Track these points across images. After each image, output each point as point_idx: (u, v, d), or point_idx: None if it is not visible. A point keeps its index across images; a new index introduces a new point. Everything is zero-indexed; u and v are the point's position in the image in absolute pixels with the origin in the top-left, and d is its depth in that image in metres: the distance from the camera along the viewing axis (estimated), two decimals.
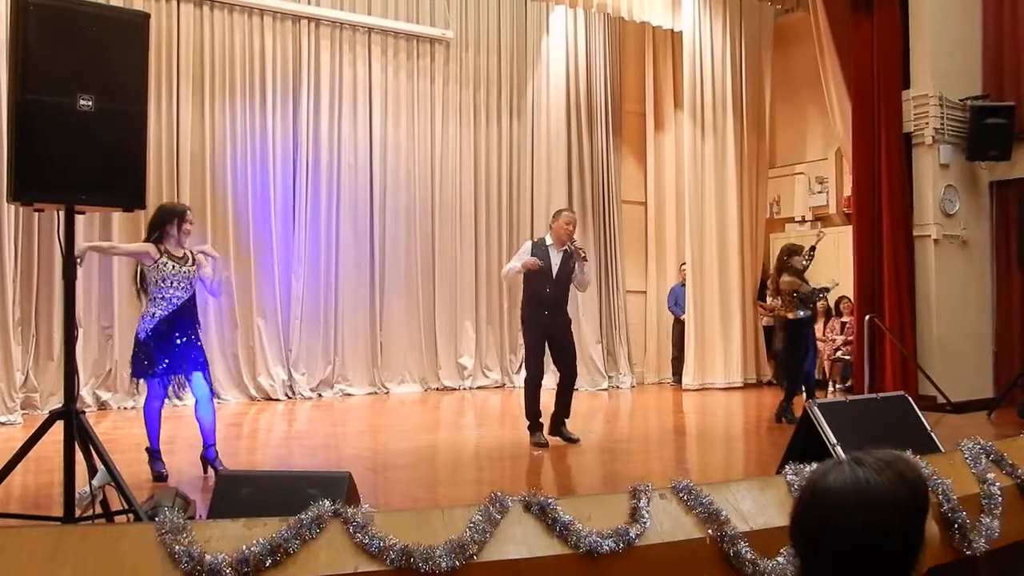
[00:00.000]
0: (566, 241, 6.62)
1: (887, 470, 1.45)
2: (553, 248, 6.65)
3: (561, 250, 6.63)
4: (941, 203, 8.66)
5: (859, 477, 1.44)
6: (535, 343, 6.68)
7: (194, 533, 2.79)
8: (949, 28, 8.80)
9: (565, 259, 6.62)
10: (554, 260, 6.61)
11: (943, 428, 6.16)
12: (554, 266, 6.60)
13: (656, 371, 11.56)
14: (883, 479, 1.43)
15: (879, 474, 1.44)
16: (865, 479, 1.44)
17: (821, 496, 1.46)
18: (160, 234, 5.27)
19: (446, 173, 10.71)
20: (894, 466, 1.46)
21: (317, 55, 9.93)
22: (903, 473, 1.45)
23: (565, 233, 6.62)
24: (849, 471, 1.46)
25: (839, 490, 1.44)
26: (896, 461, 1.48)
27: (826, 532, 1.43)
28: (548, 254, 6.62)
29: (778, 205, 11.67)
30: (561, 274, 6.62)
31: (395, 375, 10.25)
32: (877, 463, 1.46)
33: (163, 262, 5.20)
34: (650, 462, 6.39)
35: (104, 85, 3.21)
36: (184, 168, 9.14)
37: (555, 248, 6.64)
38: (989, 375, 8.83)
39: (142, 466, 5.34)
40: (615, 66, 11.64)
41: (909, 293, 8.62)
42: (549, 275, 6.57)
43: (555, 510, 3.07)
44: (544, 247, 6.68)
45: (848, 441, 4.15)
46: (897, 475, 1.45)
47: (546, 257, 6.59)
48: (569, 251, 6.60)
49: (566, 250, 6.62)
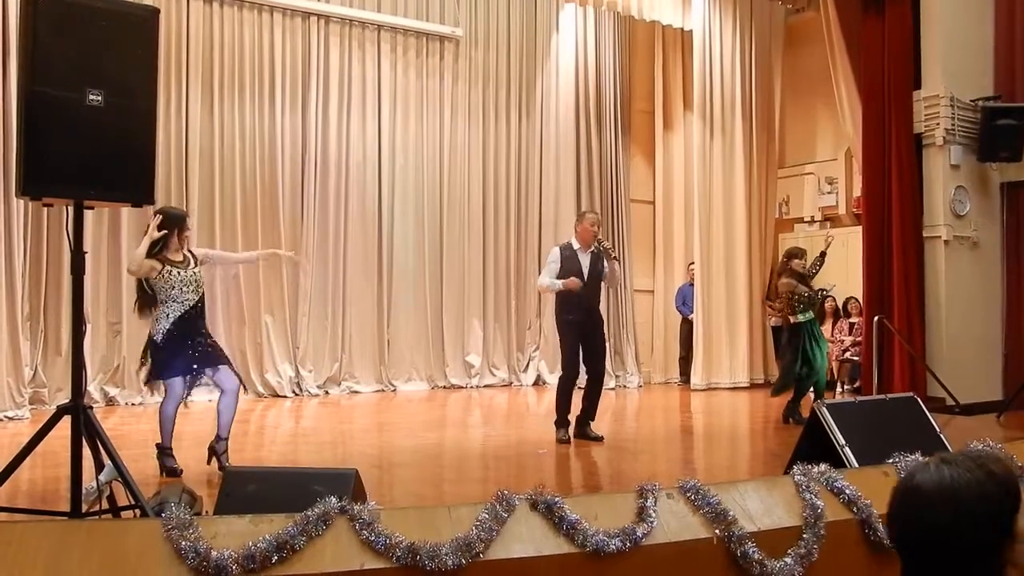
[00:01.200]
0: (591, 243, 6.72)
1: (975, 468, 1.47)
2: (581, 251, 6.74)
3: (589, 251, 6.73)
4: (951, 204, 8.62)
5: (944, 475, 1.46)
6: (572, 344, 6.75)
7: (200, 529, 2.79)
8: (960, 28, 8.76)
9: (594, 260, 6.74)
10: (584, 263, 6.72)
11: (951, 430, 6.11)
12: (584, 268, 6.71)
13: (663, 371, 11.54)
14: (971, 476, 1.45)
15: (967, 472, 1.46)
16: (951, 476, 1.46)
17: (910, 496, 1.49)
18: (162, 243, 5.27)
19: (454, 171, 10.71)
20: (982, 463, 1.48)
21: (326, 52, 9.93)
22: (991, 470, 1.47)
23: (591, 235, 6.73)
24: (935, 470, 1.48)
25: (926, 489, 1.47)
26: (984, 458, 1.50)
27: (918, 531, 1.47)
28: (577, 257, 6.72)
29: (787, 205, 11.63)
30: (592, 275, 6.73)
31: (402, 373, 10.26)
32: (965, 461, 1.48)
33: (167, 271, 5.24)
34: (657, 462, 6.38)
35: (113, 80, 3.21)
36: (193, 165, 9.17)
37: (582, 251, 6.74)
38: (998, 377, 8.78)
39: (149, 462, 5.35)
40: (624, 65, 11.63)
41: (918, 294, 8.59)
42: (580, 276, 6.66)
43: (562, 509, 3.06)
44: (572, 251, 6.76)
45: (856, 442, 4.14)
46: (985, 472, 1.46)
47: (576, 261, 6.70)
48: (597, 251, 6.71)
49: (594, 251, 6.72)
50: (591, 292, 6.75)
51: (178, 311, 5.23)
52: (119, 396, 8.58)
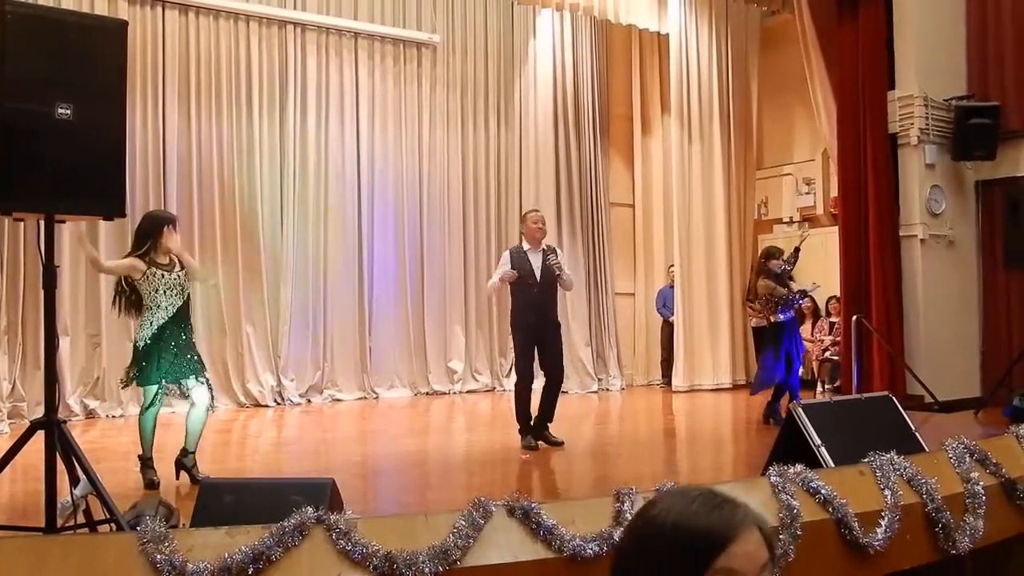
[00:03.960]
0: (541, 240, 6.65)
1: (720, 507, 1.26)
2: (531, 251, 6.65)
3: (539, 251, 6.63)
4: (927, 203, 8.69)
5: (688, 504, 1.27)
6: (524, 346, 6.68)
7: (176, 542, 2.79)
8: (933, 28, 8.84)
9: (545, 259, 6.63)
10: (535, 263, 6.61)
11: (930, 427, 6.17)
12: (536, 268, 6.60)
13: (645, 373, 11.58)
14: (677, 515, 1.25)
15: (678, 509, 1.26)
16: (665, 511, 1.27)
17: (646, 519, 1.30)
18: (151, 244, 5.23)
19: (434, 178, 10.71)
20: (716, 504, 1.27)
21: (303, 60, 9.92)
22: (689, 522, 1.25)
23: (538, 233, 6.67)
24: (682, 499, 1.29)
25: (662, 515, 1.27)
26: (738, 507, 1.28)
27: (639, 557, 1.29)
28: (527, 258, 6.63)
29: (766, 206, 11.69)
30: (545, 275, 6.60)
31: (384, 380, 10.24)
32: (724, 499, 1.28)
33: (151, 272, 5.18)
34: (640, 464, 6.39)
35: (83, 93, 3.20)
36: (171, 175, 9.13)
37: (533, 251, 6.65)
38: (976, 374, 8.86)
39: (128, 475, 5.32)
40: (602, 69, 11.67)
41: (896, 293, 8.65)
42: (533, 277, 6.58)
43: (539, 514, 3.08)
44: (522, 252, 6.67)
45: (832, 442, 4.17)
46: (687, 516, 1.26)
47: (526, 261, 6.60)
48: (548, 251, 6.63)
49: (544, 250, 6.63)
50: (544, 293, 6.62)
51: (163, 317, 5.18)
52: (99, 408, 8.52)
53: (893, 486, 3.77)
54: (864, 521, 3.60)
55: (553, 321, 6.74)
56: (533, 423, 6.69)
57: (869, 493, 3.75)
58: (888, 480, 3.78)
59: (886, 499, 3.71)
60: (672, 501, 1.29)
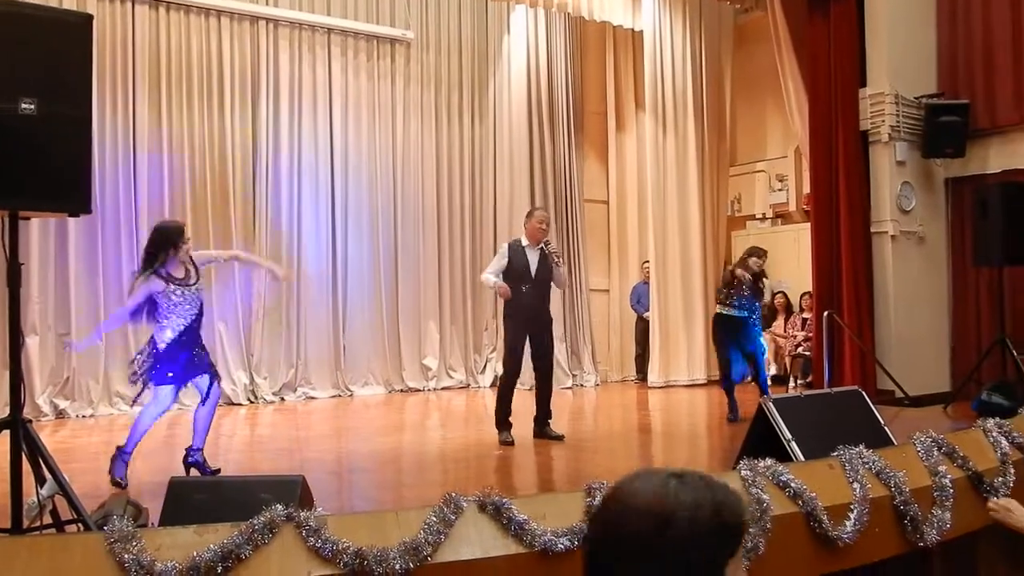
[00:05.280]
0: (541, 240, 6.74)
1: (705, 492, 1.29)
2: (529, 248, 6.75)
3: (537, 249, 6.74)
4: (898, 200, 8.77)
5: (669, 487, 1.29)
6: (515, 342, 6.74)
7: (144, 541, 2.77)
8: (904, 27, 8.91)
9: (543, 258, 6.73)
10: (531, 260, 6.72)
11: (900, 422, 6.24)
12: (532, 265, 6.71)
13: (620, 369, 11.62)
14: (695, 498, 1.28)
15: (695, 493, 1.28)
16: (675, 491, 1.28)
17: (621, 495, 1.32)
18: (165, 258, 5.23)
19: (408, 174, 10.68)
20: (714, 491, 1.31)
21: (276, 56, 9.85)
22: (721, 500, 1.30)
23: (539, 232, 6.75)
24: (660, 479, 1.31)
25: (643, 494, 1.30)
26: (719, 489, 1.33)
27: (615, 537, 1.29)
28: (525, 254, 6.73)
29: (739, 203, 11.76)
30: (540, 273, 6.72)
31: (359, 377, 10.21)
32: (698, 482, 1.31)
33: (171, 291, 5.21)
34: (616, 460, 6.41)
35: (47, 88, 3.16)
36: (141, 172, 9.04)
37: (531, 248, 6.74)
38: (946, 369, 8.95)
39: (97, 475, 5.27)
40: (576, 66, 11.68)
41: (867, 289, 8.72)
42: (528, 274, 6.68)
43: (510, 510, 3.08)
44: (521, 248, 6.77)
45: (802, 436, 4.20)
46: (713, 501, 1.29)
47: (523, 257, 6.71)
48: (545, 250, 6.71)
49: (542, 248, 6.72)
50: (538, 290, 6.73)
51: (181, 325, 5.24)
52: (69, 408, 8.43)
53: (862, 479, 3.80)
54: (833, 514, 3.63)
55: (547, 317, 6.87)
56: (535, 420, 6.80)
57: (838, 486, 3.78)
58: (857, 473, 3.82)
59: (855, 492, 3.74)
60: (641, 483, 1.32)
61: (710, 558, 1.28)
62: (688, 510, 1.26)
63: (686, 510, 1.26)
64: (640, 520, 1.27)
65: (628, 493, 1.31)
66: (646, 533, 1.26)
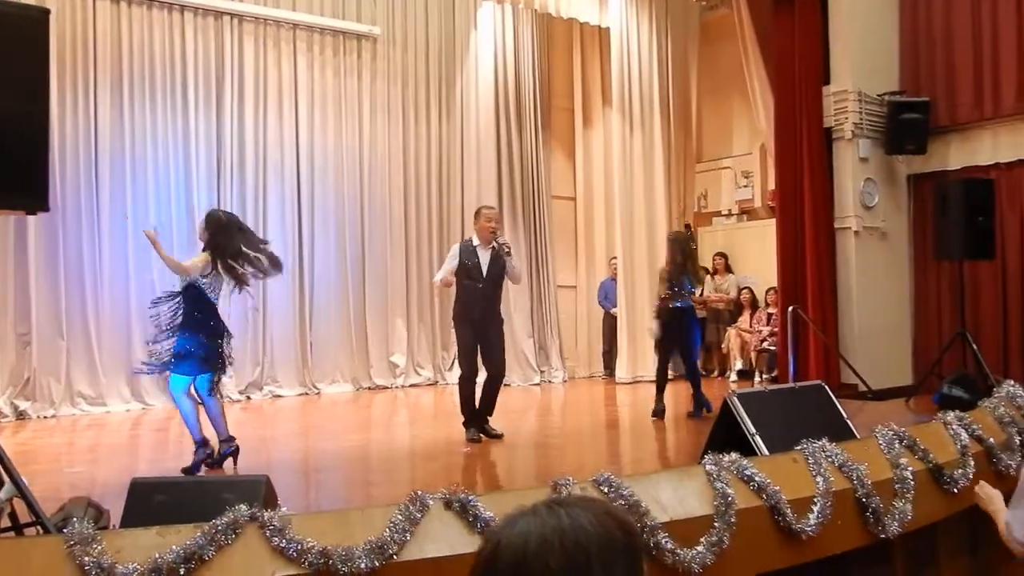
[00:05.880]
0: (491, 239, 6.68)
1: (593, 508, 1.23)
2: (481, 247, 6.70)
3: (489, 248, 6.68)
4: (861, 196, 8.87)
5: (561, 517, 1.21)
6: (467, 341, 6.71)
7: (104, 543, 2.73)
8: (867, 25, 9.02)
9: (494, 257, 6.67)
10: (483, 259, 6.66)
11: (864, 415, 6.31)
12: (483, 264, 6.64)
13: (587, 365, 11.65)
14: (590, 517, 1.21)
15: (584, 512, 1.22)
16: (569, 517, 1.20)
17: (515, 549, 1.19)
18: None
19: (375, 170, 10.63)
20: (600, 506, 1.26)
21: (240, 52, 9.75)
22: (609, 510, 1.25)
23: (488, 231, 6.70)
24: (546, 514, 1.22)
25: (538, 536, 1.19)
26: (598, 500, 1.31)
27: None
28: (476, 254, 6.68)
29: (705, 199, 11.84)
30: (491, 272, 6.66)
31: (326, 375, 10.14)
32: (579, 502, 1.25)
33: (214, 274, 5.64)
34: (583, 456, 6.43)
35: (2, 84, 3.10)
36: (103, 169, 8.90)
37: (483, 247, 6.69)
38: (908, 363, 9.08)
39: (59, 476, 5.22)
40: (543, 62, 11.69)
41: (831, 284, 8.81)
42: (479, 274, 6.62)
43: (476, 507, 3.08)
44: (472, 247, 6.72)
45: (766, 430, 4.24)
46: (603, 512, 1.24)
47: (475, 257, 6.66)
48: (496, 250, 6.66)
49: (493, 247, 6.67)
50: (489, 289, 6.69)
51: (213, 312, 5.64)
52: (30, 409, 8.28)
53: (825, 473, 3.85)
54: (797, 507, 3.67)
55: (497, 318, 6.80)
56: (473, 415, 6.73)
57: (802, 480, 3.82)
58: (820, 467, 3.86)
59: (818, 485, 3.78)
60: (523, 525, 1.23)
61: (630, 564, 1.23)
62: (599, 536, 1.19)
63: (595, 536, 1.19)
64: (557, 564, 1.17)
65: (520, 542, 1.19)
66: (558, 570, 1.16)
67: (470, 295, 6.63)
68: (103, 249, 8.86)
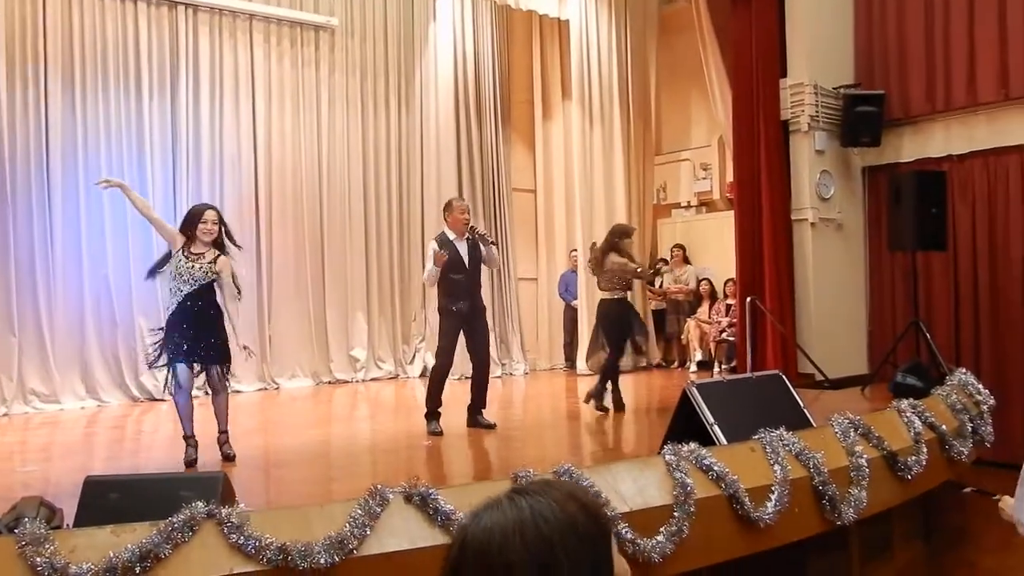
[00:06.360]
0: (465, 230, 6.74)
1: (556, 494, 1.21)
2: (457, 240, 6.75)
3: (464, 239, 6.74)
4: (817, 188, 8.97)
5: (522, 507, 1.19)
6: (450, 332, 6.73)
7: (57, 543, 2.69)
8: (823, 18, 9.11)
9: (471, 247, 6.75)
10: (462, 251, 6.72)
11: (820, 404, 6.39)
12: (464, 256, 6.72)
13: (548, 357, 11.68)
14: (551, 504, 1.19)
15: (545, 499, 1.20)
16: (530, 507, 1.18)
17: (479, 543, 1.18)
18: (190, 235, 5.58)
19: (334, 163, 10.54)
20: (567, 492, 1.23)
21: (195, 43, 9.60)
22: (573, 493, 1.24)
23: (462, 223, 6.75)
24: (508, 505, 1.21)
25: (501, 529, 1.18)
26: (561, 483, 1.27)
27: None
28: (455, 246, 6.72)
29: (664, 191, 11.91)
30: (471, 262, 6.75)
31: (285, 370, 10.05)
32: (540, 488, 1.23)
33: (177, 257, 5.53)
34: (544, 448, 6.45)
35: None
36: (55, 163, 8.72)
37: (458, 239, 6.75)
38: (864, 352, 9.21)
39: (11, 475, 5.12)
40: (503, 54, 11.67)
41: (788, 275, 8.90)
42: (462, 266, 6.68)
43: (436, 500, 3.07)
44: (449, 241, 6.75)
45: (725, 420, 4.28)
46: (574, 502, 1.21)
47: (454, 250, 6.70)
48: (472, 238, 6.74)
49: (468, 238, 6.74)
50: (471, 279, 6.75)
51: (175, 300, 5.49)
52: None
53: (782, 461, 3.90)
54: (755, 496, 3.72)
55: (481, 306, 6.89)
56: (468, 409, 6.82)
57: (759, 469, 3.87)
58: (778, 456, 3.91)
59: (775, 474, 3.83)
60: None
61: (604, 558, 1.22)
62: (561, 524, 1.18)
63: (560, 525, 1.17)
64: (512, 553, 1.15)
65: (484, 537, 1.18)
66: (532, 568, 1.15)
67: (455, 288, 6.66)
68: (56, 244, 8.70)
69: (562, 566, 1.16)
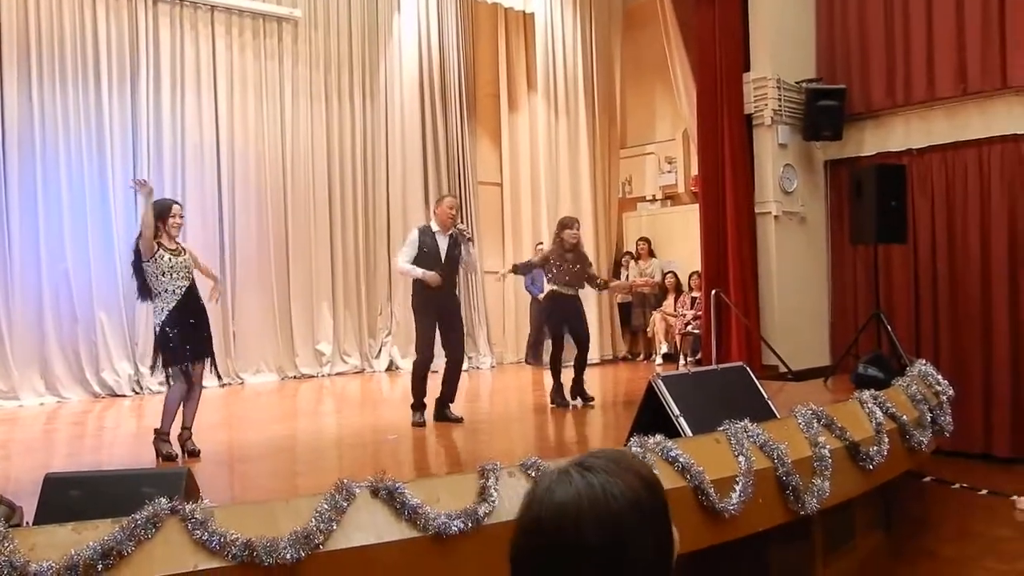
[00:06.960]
0: (450, 226, 6.78)
1: (621, 471, 1.22)
2: (439, 234, 6.77)
3: (447, 234, 6.77)
4: (780, 181, 9.05)
5: (593, 484, 1.20)
6: (427, 327, 6.76)
7: (17, 542, 2.64)
8: (786, 14, 9.19)
9: (452, 244, 6.78)
10: (441, 245, 6.75)
11: (784, 395, 6.45)
12: (442, 251, 6.74)
13: (516, 350, 11.69)
14: (619, 481, 1.20)
15: (613, 476, 1.20)
16: (601, 485, 1.19)
17: (552, 517, 1.19)
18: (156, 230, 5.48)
19: (298, 156, 10.45)
20: (628, 466, 1.24)
21: (156, 34, 9.46)
22: (636, 469, 1.25)
23: (449, 218, 6.79)
24: (579, 480, 1.21)
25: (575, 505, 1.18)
26: (625, 458, 1.28)
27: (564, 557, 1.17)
28: (436, 240, 6.75)
29: (630, 185, 11.96)
30: (449, 258, 6.77)
31: (249, 364, 9.96)
32: (607, 464, 1.23)
33: (160, 254, 5.47)
34: (513, 441, 6.46)
35: None
36: (12, 158, 8.56)
37: (441, 233, 6.77)
38: (826, 344, 9.32)
39: None
40: (468, 47, 11.63)
41: (752, 268, 8.98)
42: (439, 260, 6.70)
43: (403, 494, 3.06)
44: (431, 233, 6.78)
45: (690, 411, 4.31)
46: (631, 472, 1.23)
47: (433, 243, 6.73)
48: (455, 235, 6.77)
49: (451, 235, 6.77)
50: (449, 276, 6.78)
51: (172, 300, 5.49)
52: None
53: (747, 452, 3.94)
54: (720, 487, 3.75)
55: (454, 302, 6.95)
56: (436, 402, 6.82)
57: (724, 460, 3.90)
58: (742, 447, 3.95)
59: (740, 465, 3.87)
60: None
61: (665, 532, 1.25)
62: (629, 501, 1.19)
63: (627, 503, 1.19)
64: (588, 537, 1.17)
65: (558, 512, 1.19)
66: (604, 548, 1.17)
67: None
68: (13, 239, 8.54)
69: (630, 544, 1.18)
